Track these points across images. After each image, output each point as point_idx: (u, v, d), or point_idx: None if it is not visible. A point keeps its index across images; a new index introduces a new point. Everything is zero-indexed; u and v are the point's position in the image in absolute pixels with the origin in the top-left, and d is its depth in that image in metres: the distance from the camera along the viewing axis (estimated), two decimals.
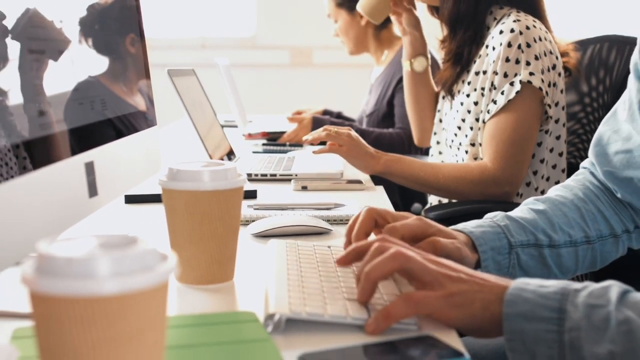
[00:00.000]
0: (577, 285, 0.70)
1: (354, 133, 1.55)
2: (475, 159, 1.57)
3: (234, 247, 0.85)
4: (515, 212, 1.01)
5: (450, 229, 0.94)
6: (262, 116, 3.16)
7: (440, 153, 1.77)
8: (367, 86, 2.75)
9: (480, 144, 1.55)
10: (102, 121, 0.86)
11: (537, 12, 1.57)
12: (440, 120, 1.77)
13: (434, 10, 1.70)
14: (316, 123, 2.29)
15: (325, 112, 2.80)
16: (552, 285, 0.70)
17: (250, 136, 2.34)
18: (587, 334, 0.66)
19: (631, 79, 1.01)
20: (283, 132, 2.31)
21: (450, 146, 1.66)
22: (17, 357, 0.51)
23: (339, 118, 2.74)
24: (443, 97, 1.74)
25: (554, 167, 1.58)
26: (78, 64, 0.83)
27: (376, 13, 1.88)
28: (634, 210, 1.05)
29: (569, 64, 1.59)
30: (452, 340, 0.67)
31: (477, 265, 0.94)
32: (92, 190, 0.80)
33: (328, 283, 0.79)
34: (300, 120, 2.32)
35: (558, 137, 1.57)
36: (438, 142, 1.78)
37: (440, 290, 0.71)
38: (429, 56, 1.86)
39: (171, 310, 0.73)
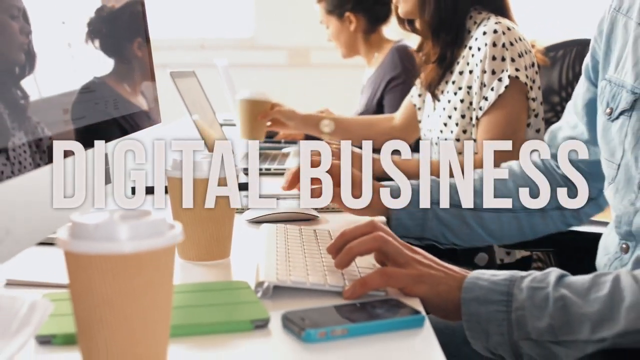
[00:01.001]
0: (523, 273, 0.83)
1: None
2: (460, 153, 1.69)
3: (230, 229, 0.97)
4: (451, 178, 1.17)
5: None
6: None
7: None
8: (359, 87, 2.87)
9: (475, 140, 1.67)
10: (115, 118, 0.98)
11: (507, 16, 1.70)
12: (419, 121, 1.90)
13: (408, 23, 1.83)
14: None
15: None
16: (502, 274, 0.83)
17: None
18: (531, 312, 0.79)
19: (582, 80, 1.13)
20: (277, 132, 2.42)
21: (436, 143, 1.78)
22: (51, 309, 0.63)
23: None
24: (424, 101, 1.88)
25: None
26: (92, 66, 0.95)
27: (257, 134, 2.03)
28: (571, 189, 1.18)
29: (540, 59, 1.72)
30: (414, 303, 0.79)
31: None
32: (107, 179, 0.92)
33: (311, 259, 0.91)
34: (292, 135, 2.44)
35: (538, 131, 1.70)
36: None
37: (411, 270, 0.84)
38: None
39: (175, 281, 0.85)
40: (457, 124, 1.69)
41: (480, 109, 1.63)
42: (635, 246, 0.96)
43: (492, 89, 1.61)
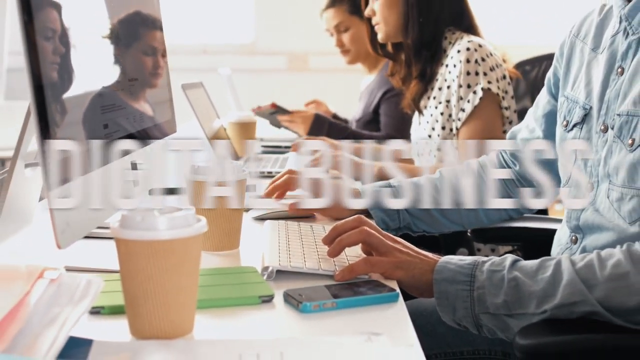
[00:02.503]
0: (484, 258, 1.01)
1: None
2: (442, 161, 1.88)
3: (239, 223, 1.14)
4: (415, 178, 1.39)
5: None
6: (260, 119, 3.44)
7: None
8: (358, 90, 3.03)
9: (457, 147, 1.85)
10: (139, 131, 1.15)
11: (477, 34, 1.90)
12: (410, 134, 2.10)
13: (380, 47, 2.04)
14: (316, 121, 2.56)
15: (318, 117, 2.99)
16: (467, 259, 1.01)
17: (259, 108, 2.62)
18: (489, 290, 0.97)
19: (544, 91, 1.31)
20: (288, 111, 2.58)
21: (422, 154, 1.96)
22: (102, 286, 0.80)
23: (335, 119, 2.98)
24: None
25: None
26: (122, 82, 1.12)
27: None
28: (524, 185, 1.38)
29: (510, 71, 1.90)
30: (391, 284, 0.97)
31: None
32: (136, 182, 1.09)
33: (308, 248, 1.09)
34: (301, 113, 2.61)
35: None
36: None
37: (391, 258, 1.01)
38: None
39: None
40: (438, 135, 1.87)
41: (459, 119, 1.81)
42: (583, 238, 1.14)
43: (468, 101, 1.79)
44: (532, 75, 2.20)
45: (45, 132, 0.79)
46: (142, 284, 0.76)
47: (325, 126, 2.54)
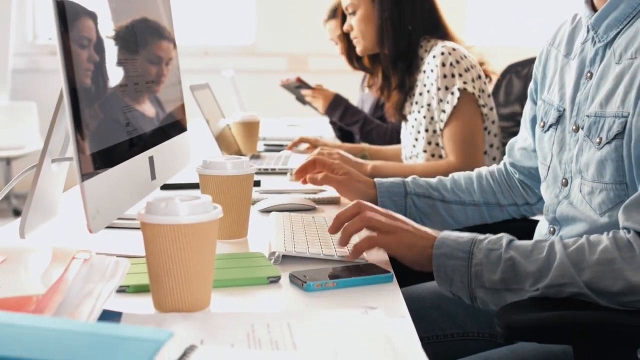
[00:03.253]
0: (481, 236, 1.09)
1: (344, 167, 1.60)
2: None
3: (247, 214, 1.24)
4: (424, 178, 1.51)
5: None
6: (262, 119, 3.55)
7: None
8: (359, 89, 3.14)
9: (442, 147, 1.96)
10: (156, 129, 1.25)
11: (451, 39, 2.02)
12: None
13: (356, 60, 2.17)
14: (334, 100, 2.71)
15: (338, 97, 2.95)
16: (465, 236, 1.09)
17: (287, 81, 2.77)
18: (486, 267, 1.05)
19: (528, 100, 1.41)
20: (311, 87, 2.73)
21: (410, 157, 2.07)
22: (129, 266, 0.90)
23: (349, 106, 3.03)
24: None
25: (488, 155, 2.00)
26: (142, 84, 1.22)
27: (252, 148, 2.28)
28: (526, 191, 1.47)
29: (487, 70, 2.01)
30: (386, 266, 1.07)
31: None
32: (153, 175, 1.19)
33: (310, 236, 1.19)
34: (323, 91, 2.75)
35: (489, 132, 2.00)
36: None
37: (393, 237, 1.10)
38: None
39: None
40: (423, 138, 1.99)
41: (442, 120, 1.93)
42: (559, 229, 1.23)
43: (447, 102, 1.91)
44: (523, 73, 2.30)
45: (79, 130, 0.89)
46: (165, 264, 0.86)
47: (342, 106, 2.69)
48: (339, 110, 2.69)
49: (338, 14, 2.41)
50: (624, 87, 1.07)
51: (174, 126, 1.39)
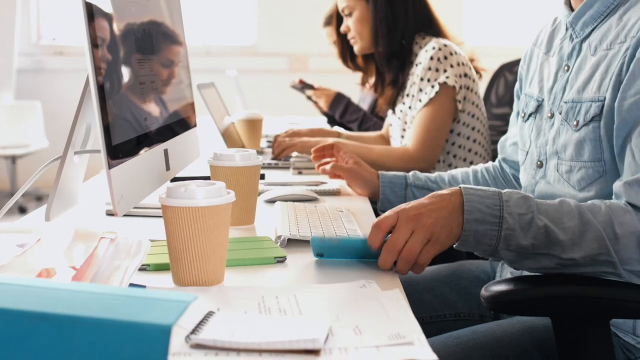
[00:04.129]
0: (505, 196, 1.09)
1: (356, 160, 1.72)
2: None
3: (255, 202, 1.34)
4: (425, 173, 1.62)
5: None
6: (264, 117, 3.65)
7: None
8: (358, 89, 3.25)
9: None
10: (169, 124, 1.35)
11: (444, 36, 2.14)
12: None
13: (350, 60, 2.29)
14: (336, 98, 2.84)
15: (339, 95, 3.07)
16: (490, 195, 1.08)
17: (293, 82, 2.95)
18: (517, 232, 1.07)
19: (515, 100, 1.51)
20: (313, 87, 2.89)
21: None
22: (150, 246, 1.00)
23: (350, 104, 3.12)
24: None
25: (469, 151, 2.11)
26: (159, 80, 1.32)
27: (256, 144, 2.39)
28: (519, 184, 1.57)
29: (477, 67, 2.12)
30: None
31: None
32: (167, 166, 1.29)
33: (313, 222, 1.29)
34: (325, 90, 2.90)
35: (473, 128, 2.10)
36: None
37: (418, 237, 1.05)
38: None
39: None
40: (409, 127, 2.10)
41: (416, 109, 2.04)
42: None
43: (425, 93, 2.03)
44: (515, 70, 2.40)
45: (106, 124, 0.99)
46: (184, 242, 0.96)
47: (343, 104, 2.82)
48: (340, 107, 2.83)
49: (332, 19, 2.53)
50: (600, 75, 1.18)
51: (185, 122, 1.49)
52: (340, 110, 2.82)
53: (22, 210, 5.36)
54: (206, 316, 0.83)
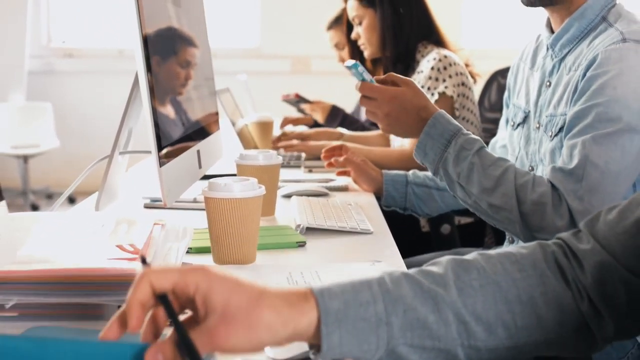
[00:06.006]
0: (465, 131, 1.37)
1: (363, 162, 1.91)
2: None
3: (275, 196, 1.54)
4: (423, 172, 1.81)
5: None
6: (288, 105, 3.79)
7: None
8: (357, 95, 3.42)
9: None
10: (200, 127, 1.54)
11: (445, 46, 2.33)
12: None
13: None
14: (332, 111, 3.02)
15: (335, 108, 3.20)
16: (452, 126, 1.37)
17: (286, 96, 3.08)
18: (453, 159, 1.34)
19: (504, 107, 1.70)
20: (310, 101, 3.04)
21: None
22: (193, 231, 1.19)
23: (346, 116, 3.30)
24: None
25: None
26: (192, 87, 1.51)
27: (267, 145, 2.53)
28: None
29: (472, 72, 2.32)
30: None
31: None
32: (199, 164, 1.49)
33: (326, 214, 1.48)
34: (321, 104, 3.06)
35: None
36: None
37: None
38: None
39: None
40: None
41: None
42: None
43: None
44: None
45: (157, 126, 1.18)
46: (223, 228, 1.15)
47: (340, 116, 2.99)
48: (337, 119, 2.99)
49: (343, 23, 2.71)
50: (567, 92, 1.37)
51: (211, 125, 1.68)
52: (338, 123, 2.97)
53: (35, 207, 5.55)
54: None
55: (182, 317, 0.67)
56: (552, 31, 1.48)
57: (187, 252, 1.25)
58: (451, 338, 0.72)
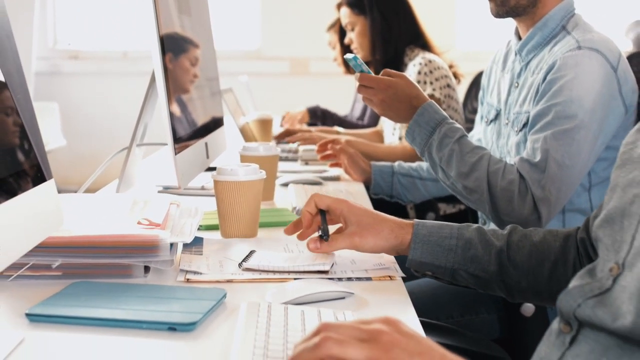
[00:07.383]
0: (450, 121, 1.54)
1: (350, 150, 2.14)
2: None
3: (274, 183, 1.74)
4: (407, 163, 2.02)
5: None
6: None
7: None
8: (353, 91, 3.63)
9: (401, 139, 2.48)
10: (207, 122, 1.74)
11: (431, 49, 2.54)
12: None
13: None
14: (310, 112, 3.31)
15: (310, 110, 3.49)
16: (439, 116, 1.53)
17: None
18: (436, 146, 1.52)
19: (479, 106, 1.90)
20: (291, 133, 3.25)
21: (390, 144, 2.58)
22: (204, 212, 1.38)
23: (326, 114, 3.54)
24: None
25: None
26: (199, 87, 1.71)
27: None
28: None
29: (456, 73, 2.51)
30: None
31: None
32: (207, 155, 1.68)
33: None
34: (296, 116, 3.30)
35: None
36: None
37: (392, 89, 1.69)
38: None
39: None
40: (397, 128, 2.49)
41: None
42: None
43: None
44: None
45: (172, 121, 1.38)
46: (230, 206, 1.35)
47: (319, 111, 3.38)
48: (318, 116, 3.22)
49: (336, 29, 2.91)
50: (531, 93, 1.57)
51: (217, 121, 1.88)
52: (320, 119, 3.23)
53: None
54: (250, 253, 1.22)
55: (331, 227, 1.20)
56: (520, 38, 1.67)
57: (198, 229, 1.44)
58: (495, 274, 1.15)
